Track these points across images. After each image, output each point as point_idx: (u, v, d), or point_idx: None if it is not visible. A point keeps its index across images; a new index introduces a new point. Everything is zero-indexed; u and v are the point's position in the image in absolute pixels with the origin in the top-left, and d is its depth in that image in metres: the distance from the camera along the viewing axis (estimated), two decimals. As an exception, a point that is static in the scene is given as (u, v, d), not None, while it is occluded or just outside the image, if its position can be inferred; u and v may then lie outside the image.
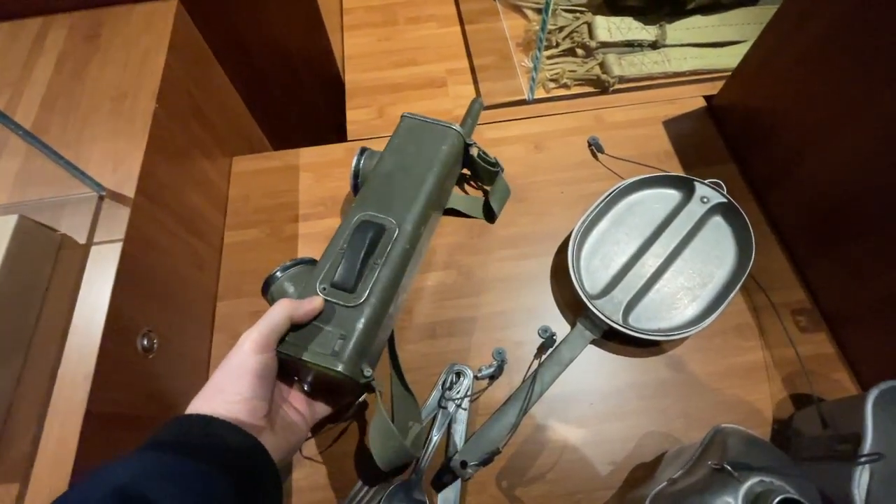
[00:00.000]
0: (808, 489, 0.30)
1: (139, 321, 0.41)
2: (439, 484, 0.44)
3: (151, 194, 0.45)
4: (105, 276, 0.39)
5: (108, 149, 0.46)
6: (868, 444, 0.36)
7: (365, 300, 0.41)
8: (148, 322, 0.43)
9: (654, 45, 0.70)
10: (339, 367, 0.38)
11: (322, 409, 0.42)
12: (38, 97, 0.49)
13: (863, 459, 0.34)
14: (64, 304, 0.37)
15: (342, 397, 0.44)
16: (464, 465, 0.41)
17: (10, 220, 0.37)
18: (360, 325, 0.40)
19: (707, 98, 0.67)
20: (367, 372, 0.39)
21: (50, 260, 0.39)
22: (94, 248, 0.40)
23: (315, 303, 0.39)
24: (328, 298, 0.41)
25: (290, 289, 0.43)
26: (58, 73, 0.51)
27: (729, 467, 0.30)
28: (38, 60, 0.52)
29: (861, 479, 0.35)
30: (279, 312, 0.37)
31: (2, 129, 0.47)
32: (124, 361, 0.39)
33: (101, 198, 0.43)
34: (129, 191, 0.43)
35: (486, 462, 0.41)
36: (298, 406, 0.40)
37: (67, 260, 0.40)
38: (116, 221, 0.42)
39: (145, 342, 0.41)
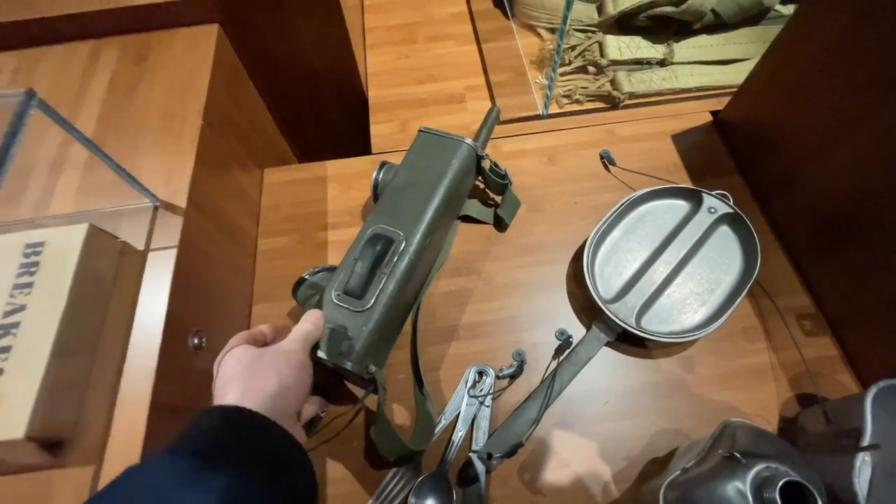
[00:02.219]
0: (811, 474, 0.33)
1: (190, 321, 0.45)
2: (465, 476, 0.47)
3: (199, 205, 0.49)
4: (162, 280, 0.42)
5: (159, 163, 0.49)
6: (867, 437, 0.38)
7: (371, 306, 0.45)
8: (197, 322, 0.46)
9: (663, 63, 0.73)
10: (348, 365, 0.42)
11: (309, 412, 0.42)
12: (93, 115, 0.53)
13: (863, 448, 0.37)
14: (126, 306, 0.41)
15: (340, 396, 0.49)
16: (489, 456, 0.44)
17: (82, 229, 0.40)
18: (366, 328, 0.44)
19: (713, 113, 0.70)
20: (372, 369, 0.44)
21: (113, 265, 0.43)
22: (151, 255, 0.44)
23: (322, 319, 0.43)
24: (340, 304, 0.46)
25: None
26: (111, 92, 0.55)
27: (738, 455, 0.33)
28: (92, 81, 0.56)
29: (861, 469, 0.38)
30: (311, 325, 0.41)
31: (63, 146, 0.51)
32: (180, 358, 0.42)
33: (155, 208, 0.46)
34: (181, 202, 0.47)
35: (510, 454, 0.44)
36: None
37: (128, 265, 0.43)
38: (170, 230, 0.45)
39: (196, 340, 0.45)
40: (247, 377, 0.33)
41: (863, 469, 0.38)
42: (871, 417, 0.39)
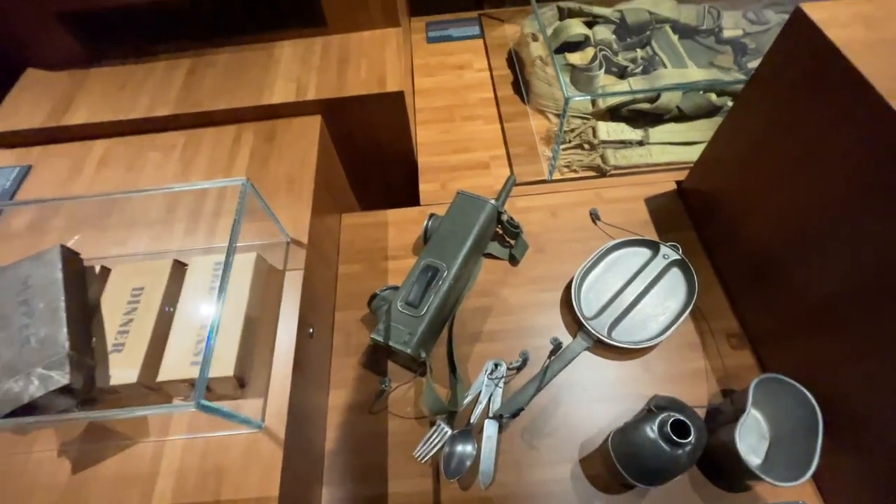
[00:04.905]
0: (698, 421, 0.54)
1: (308, 318, 0.69)
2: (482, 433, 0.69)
3: (312, 241, 0.74)
4: (295, 292, 0.67)
5: (288, 213, 0.75)
6: (747, 411, 0.59)
7: (424, 313, 0.70)
8: (310, 319, 0.70)
9: (641, 143, 0.97)
10: (408, 351, 0.67)
11: None
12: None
13: (740, 413, 0.58)
14: (274, 305, 0.65)
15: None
16: (500, 417, 0.66)
17: (252, 255, 0.65)
18: (420, 327, 0.68)
19: (677, 182, 0.93)
20: (423, 355, 0.68)
21: (265, 278, 0.68)
22: (287, 274, 0.68)
23: None
24: (403, 311, 0.70)
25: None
26: (251, 163, 0.82)
27: (654, 408, 0.55)
28: (238, 155, 0.83)
29: (740, 432, 0.58)
30: None
31: (218, 199, 0.77)
32: (303, 342, 0.66)
33: (288, 243, 0.71)
34: (304, 239, 0.72)
35: (514, 415, 0.65)
36: None
37: (273, 280, 0.68)
38: (298, 258, 0.70)
39: (311, 331, 0.69)
40: None
41: (742, 430, 0.58)
42: (753, 399, 0.60)
